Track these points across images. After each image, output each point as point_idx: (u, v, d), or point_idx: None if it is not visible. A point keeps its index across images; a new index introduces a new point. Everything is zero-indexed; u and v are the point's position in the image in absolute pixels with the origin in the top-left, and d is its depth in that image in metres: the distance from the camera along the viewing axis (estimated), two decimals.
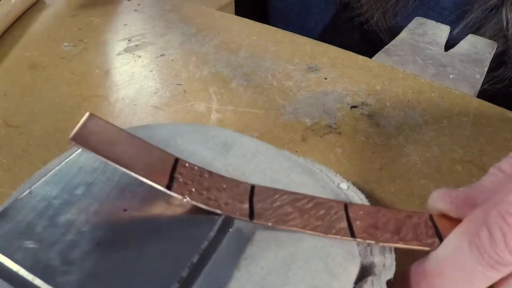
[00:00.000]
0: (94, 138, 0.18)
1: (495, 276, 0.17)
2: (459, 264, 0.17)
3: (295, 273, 0.18)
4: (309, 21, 0.50)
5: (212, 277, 0.17)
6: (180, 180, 0.18)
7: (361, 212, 0.20)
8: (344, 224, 0.19)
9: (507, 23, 0.44)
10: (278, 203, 0.19)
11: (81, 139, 0.18)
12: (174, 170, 0.19)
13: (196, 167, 0.20)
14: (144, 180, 0.18)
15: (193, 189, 0.18)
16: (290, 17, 0.50)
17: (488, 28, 0.45)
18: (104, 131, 0.19)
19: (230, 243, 0.19)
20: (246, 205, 0.19)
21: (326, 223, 0.19)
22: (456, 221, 0.19)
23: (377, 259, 0.20)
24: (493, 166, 0.20)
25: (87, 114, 0.19)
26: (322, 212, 0.19)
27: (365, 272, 0.20)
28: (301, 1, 0.57)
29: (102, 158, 0.18)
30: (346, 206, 0.20)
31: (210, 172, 0.20)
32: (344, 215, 0.19)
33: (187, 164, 0.20)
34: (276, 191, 0.20)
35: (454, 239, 0.18)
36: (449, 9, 0.48)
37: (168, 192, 0.18)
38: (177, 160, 0.20)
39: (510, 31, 0.44)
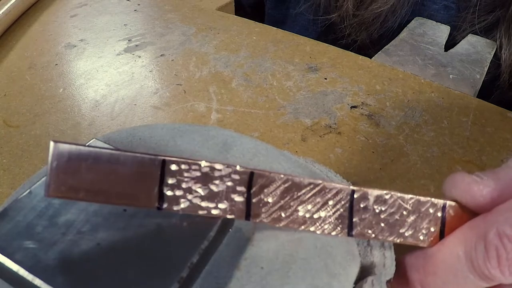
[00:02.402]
0: (70, 181, 0.16)
1: (484, 285, 0.18)
2: (452, 269, 0.18)
3: (295, 273, 0.18)
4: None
5: (212, 277, 0.17)
6: (171, 194, 0.18)
7: (367, 203, 0.19)
8: (344, 220, 0.19)
9: (501, 48, 0.42)
10: (277, 195, 0.19)
11: (57, 191, 0.16)
12: (162, 181, 0.18)
13: (186, 165, 0.18)
14: (134, 207, 0.17)
15: (186, 200, 0.18)
16: (278, 25, 0.50)
17: None
18: (77, 162, 0.17)
19: (230, 243, 0.19)
20: (243, 201, 0.18)
21: (326, 220, 0.19)
22: (469, 214, 0.19)
23: (377, 259, 0.20)
24: None
25: (50, 150, 0.16)
26: (324, 207, 0.19)
27: (365, 272, 0.20)
28: (286, 18, 0.57)
29: (86, 201, 0.17)
30: (353, 192, 0.19)
31: (201, 167, 0.18)
32: (348, 207, 0.19)
33: (175, 165, 0.18)
34: (275, 178, 0.19)
35: (451, 243, 0.18)
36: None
37: (160, 211, 0.17)
38: (164, 162, 0.18)
39: (503, 56, 0.42)
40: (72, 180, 0.17)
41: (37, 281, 0.16)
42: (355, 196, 0.19)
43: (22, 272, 0.16)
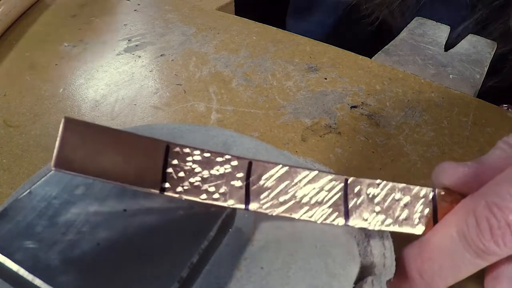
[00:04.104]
0: (78, 155, 0.17)
1: (482, 264, 0.18)
2: (448, 251, 0.18)
3: (295, 273, 0.18)
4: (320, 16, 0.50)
5: (212, 277, 0.18)
6: (174, 176, 0.18)
7: (361, 191, 0.20)
8: (340, 207, 0.19)
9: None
10: (273, 184, 0.19)
11: (64, 163, 0.17)
12: (166, 163, 0.18)
13: (188, 150, 0.19)
14: (136, 188, 0.18)
15: (188, 183, 0.18)
16: (303, 11, 0.51)
17: (493, 28, 0.44)
18: (86, 138, 0.17)
19: (230, 243, 0.19)
20: (242, 187, 0.19)
21: (322, 206, 0.19)
22: (459, 198, 0.19)
23: (377, 259, 0.20)
24: (501, 140, 0.20)
25: (62, 124, 0.17)
26: (319, 193, 0.19)
27: (365, 272, 0.20)
28: (311, 3, 0.57)
29: (91, 178, 0.17)
30: (346, 180, 0.20)
31: (203, 153, 0.19)
32: (342, 195, 0.19)
33: (178, 149, 0.19)
34: (272, 167, 0.20)
35: (444, 226, 0.18)
36: (460, 4, 0.47)
37: (162, 195, 0.18)
38: (168, 147, 0.19)
39: None
40: (80, 154, 0.17)
41: (37, 281, 0.16)
42: (349, 184, 0.20)
43: (22, 272, 0.16)
